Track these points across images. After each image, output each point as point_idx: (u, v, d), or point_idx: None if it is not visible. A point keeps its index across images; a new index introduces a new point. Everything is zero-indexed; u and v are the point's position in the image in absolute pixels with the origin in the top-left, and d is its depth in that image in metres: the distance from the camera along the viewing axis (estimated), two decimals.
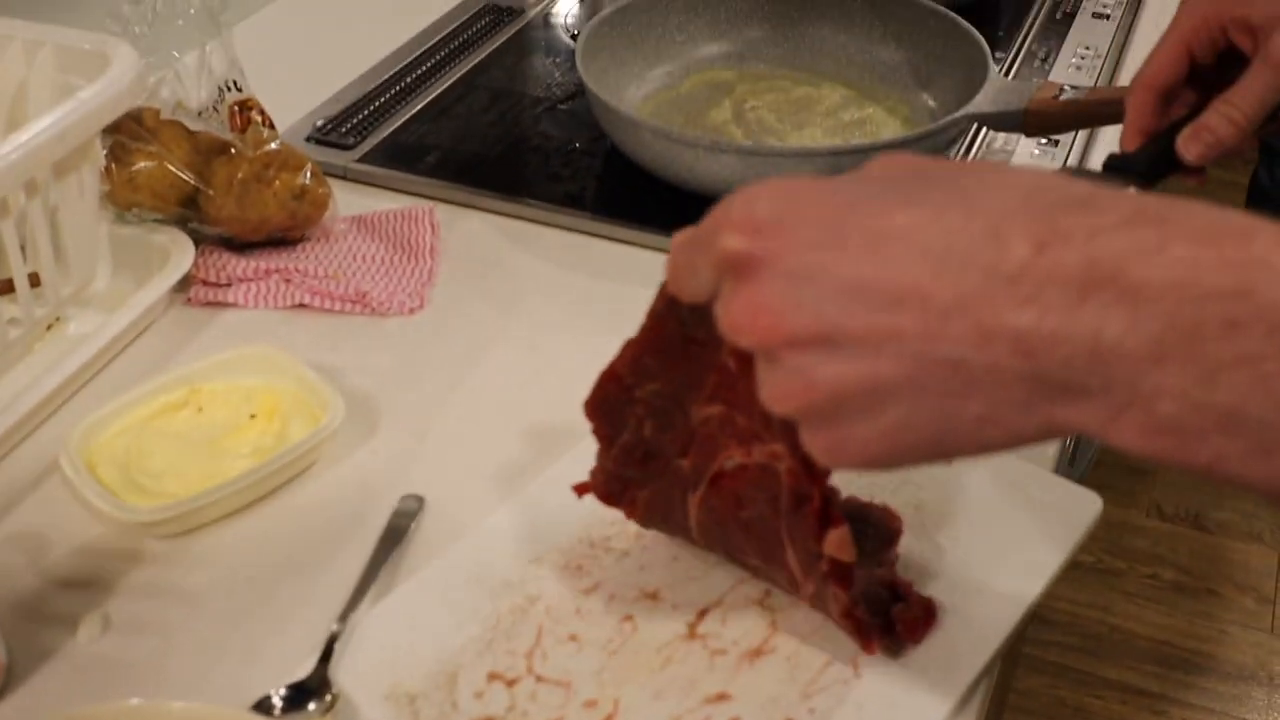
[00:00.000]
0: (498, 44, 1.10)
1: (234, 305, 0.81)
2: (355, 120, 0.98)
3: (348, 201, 0.90)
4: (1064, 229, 0.36)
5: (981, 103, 0.86)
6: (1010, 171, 0.39)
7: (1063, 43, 1.08)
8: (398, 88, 1.03)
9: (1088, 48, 1.07)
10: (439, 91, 1.03)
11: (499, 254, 0.86)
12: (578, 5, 1.18)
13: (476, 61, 1.07)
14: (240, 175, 0.81)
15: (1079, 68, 1.04)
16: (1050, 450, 0.70)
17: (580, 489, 0.60)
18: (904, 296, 0.37)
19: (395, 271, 0.83)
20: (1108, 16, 1.12)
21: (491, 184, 0.91)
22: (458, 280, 0.84)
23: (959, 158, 0.92)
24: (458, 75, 1.05)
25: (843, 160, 0.82)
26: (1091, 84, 1.02)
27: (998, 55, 1.07)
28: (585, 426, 0.58)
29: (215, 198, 0.80)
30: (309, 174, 0.83)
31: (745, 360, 0.46)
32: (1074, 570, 1.92)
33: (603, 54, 0.97)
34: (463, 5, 1.16)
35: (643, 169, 0.89)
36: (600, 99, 0.87)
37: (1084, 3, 1.14)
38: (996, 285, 0.36)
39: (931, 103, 0.97)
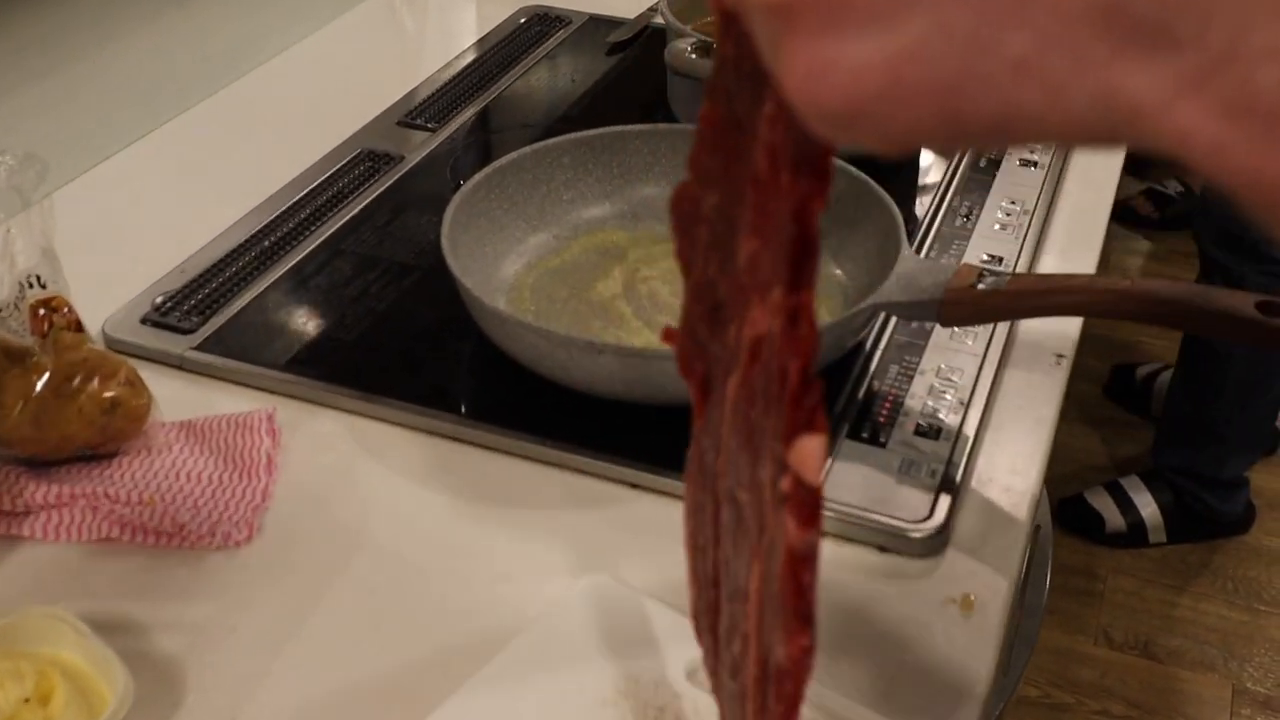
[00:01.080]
0: (371, 198, 1.00)
1: (30, 538, 0.70)
2: (201, 295, 0.88)
3: (180, 399, 0.80)
4: None
5: (892, 289, 0.77)
6: None
7: (987, 195, 0.99)
8: (254, 253, 0.93)
9: (1014, 202, 0.99)
10: (300, 258, 0.92)
11: (350, 465, 0.76)
12: (461, 151, 1.09)
13: (345, 220, 0.97)
14: (38, 389, 0.70)
15: (1003, 225, 0.96)
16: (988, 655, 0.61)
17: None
18: None
19: (223, 493, 0.72)
20: (1035, 164, 1.03)
21: (345, 377, 0.80)
22: (297, 500, 0.73)
23: (869, 343, 0.82)
24: (323, 237, 0.95)
25: None
26: (1017, 245, 0.93)
27: (915, 210, 0.98)
28: (444, 689, 0.48)
29: (7, 416, 0.69)
30: (124, 381, 0.72)
31: (774, 161, 0.39)
32: (1020, 706, 1.82)
33: (480, 220, 0.87)
34: (335, 152, 1.06)
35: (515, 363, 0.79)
36: (464, 286, 0.77)
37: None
38: None
39: (839, 272, 0.88)
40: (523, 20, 1.32)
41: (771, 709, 0.42)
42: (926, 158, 1.05)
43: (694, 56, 0.95)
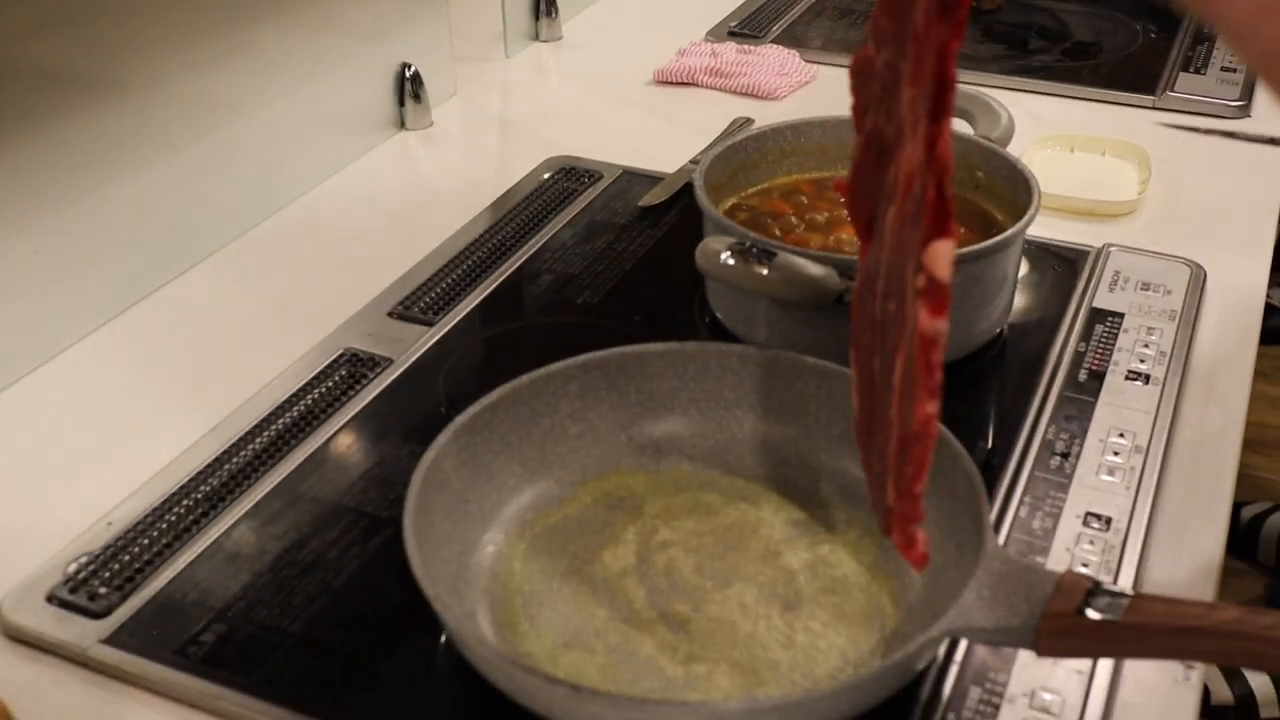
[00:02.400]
0: (346, 419, 0.84)
1: None
2: (125, 558, 0.72)
3: (76, 713, 0.64)
4: None
5: (972, 608, 0.59)
6: None
7: (1089, 423, 0.82)
8: (197, 496, 0.77)
9: (1121, 435, 0.81)
10: (251, 504, 0.77)
11: None
12: (458, 356, 0.93)
13: (312, 451, 0.81)
14: None
15: (1110, 468, 0.78)
16: None
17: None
18: None
19: None
20: (1146, 378, 0.86)
21: (282, 693, 0.64)
22: None
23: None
24: (283, 475, 0.79)
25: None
26: (1129, 499, 0.75)
27: (997, 447, 0.80)
28: None
29: None
30: None
31: (926, 15, 0.50)
32: None
33: (463, 471, 0.71)
34: (312, 354, 0.90)
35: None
36: (431, 594, 0.61)
37: (1113, 359, 0.88)
38: None
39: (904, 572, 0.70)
40: (546, 176, 1.16)
41: (904, 473, 0.56)
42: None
43: (730, 262, 0.79)
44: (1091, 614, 0.57)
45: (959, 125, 1.06)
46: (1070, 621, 0.57)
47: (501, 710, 0.61)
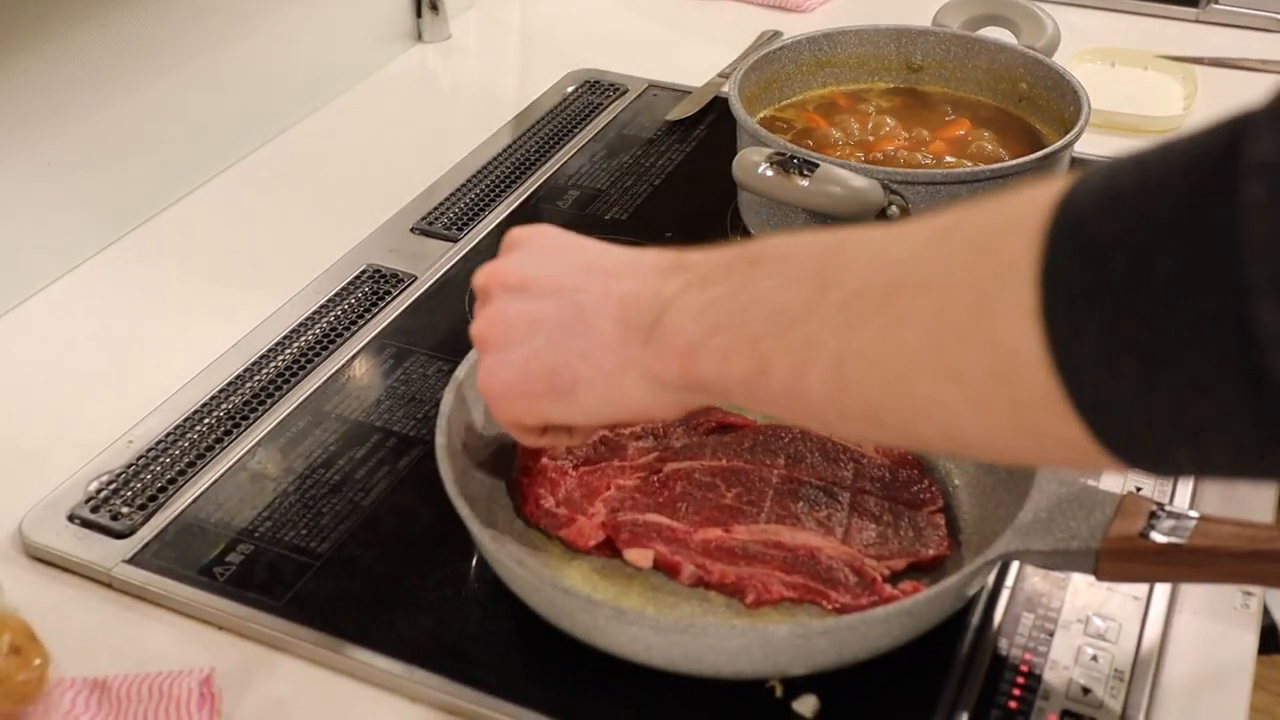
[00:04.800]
0: (370, 337, 0.82)
1: None
2: (147, 477, 0.70)
3: (102, 632, 0.63)
4: (672, 253, 0.53)
5: (1029, 530, 0.57)
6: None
7: None
8: (218, 414, 0.75)
9: None
10: (274, 424, 0.74)
11: None
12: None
13: (335, 369, 0.79)
14: None
15: None
16: None
17: None
18: (578, 266, 0.55)
19: None
20: None
21: (311, 613, 0.62)
22: None
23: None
24: (306, 394, 0.77)
25: None
26: None
27: None
28: None
29: None
30: (8, 649, 0.55)
31: None
32: None
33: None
34: (334, 270, 0.88)
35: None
36: (465, 515, 0.59)
37: None
38: (625, 269, 0.54)
39: (957, 481, 0.68)
40: (570, 89, 1.13)
41: None
42: None
43: (770, 174, 0.76)
44: (1156, 537, 0.55)
45: (1002, 34, 1.02)
46: (1133, 544, 0.55)
47: (535, 633, 0.59)
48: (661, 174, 1.00)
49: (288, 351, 0.80)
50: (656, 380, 0.51)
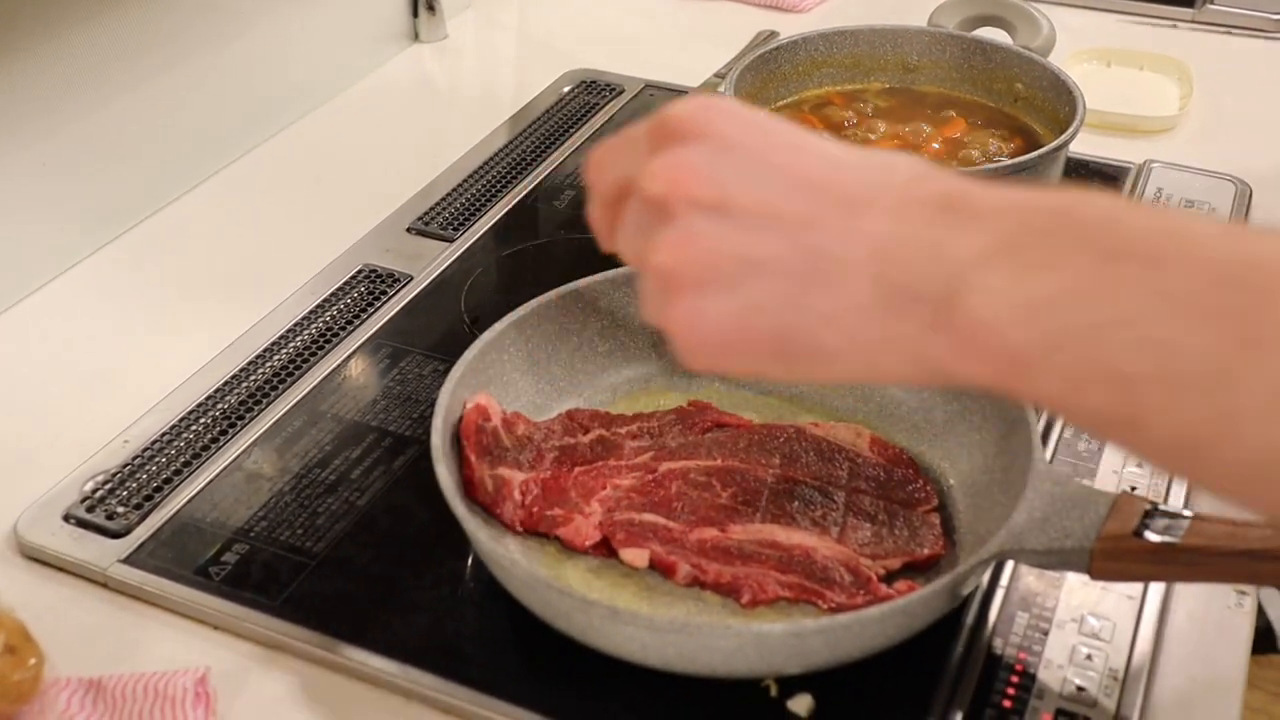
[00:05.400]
0: (366, 337, 0.82)
1: None
2: (143, 477, 0.70)
3: (97, 632, 0.63)
4: (935, 173, 0.42)
5: (1023, 528, 0.57)
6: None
7: None
8: (214, 413, 0.75)
9: None
10: (269, 424, 0.74)
11: None
12: (480, 272, 0.90)
13: (331, 369, 0.79)
14: None
15: None
16: None
17: None
18: (800, 185, 0.42)
19: None
20: None
21: (307, 614, 0.62)
22: None
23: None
24: (302, 394, 0.77)
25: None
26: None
27: None
28: None
29: None
30: (2, 647, 0.55)
31: None
32: None
33: (489, 390, 0.69)
34: (329, 270, 0.88)
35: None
36: (469, 529, 0.59)
37: None
38: (873, 196, 0.41)
39: (952, 480, 0.68)
40: (566, 89, 1.13)
41: None
42: None
43: None
44: (1150, 536, 0.55)
45: (997, 35, 1.02)
46: (1127, 544, 0.55)
47: (531, 633, 0.59)
48: None
49: (284, 351, 0.80)
50: (940, 372, 0.40)
